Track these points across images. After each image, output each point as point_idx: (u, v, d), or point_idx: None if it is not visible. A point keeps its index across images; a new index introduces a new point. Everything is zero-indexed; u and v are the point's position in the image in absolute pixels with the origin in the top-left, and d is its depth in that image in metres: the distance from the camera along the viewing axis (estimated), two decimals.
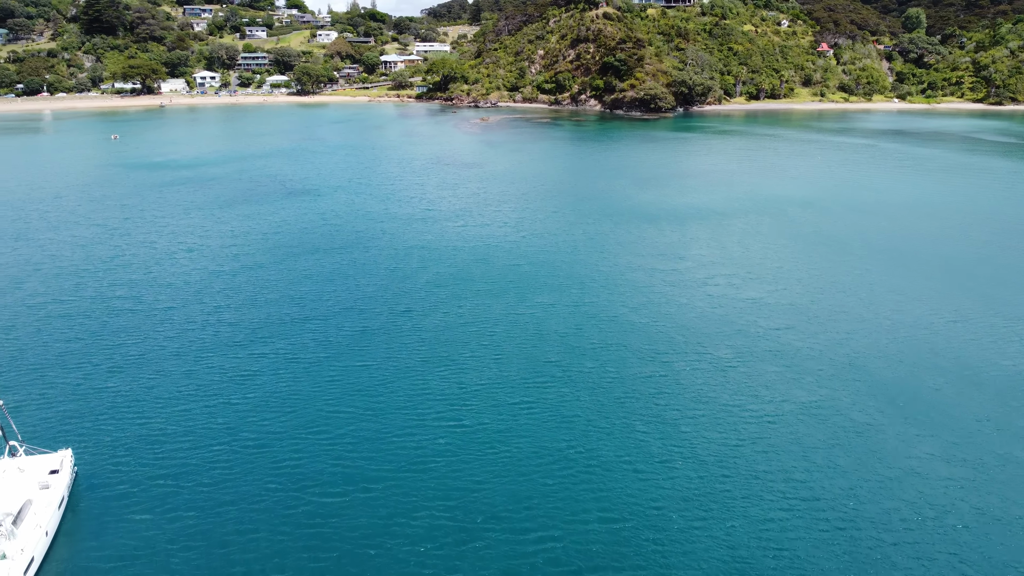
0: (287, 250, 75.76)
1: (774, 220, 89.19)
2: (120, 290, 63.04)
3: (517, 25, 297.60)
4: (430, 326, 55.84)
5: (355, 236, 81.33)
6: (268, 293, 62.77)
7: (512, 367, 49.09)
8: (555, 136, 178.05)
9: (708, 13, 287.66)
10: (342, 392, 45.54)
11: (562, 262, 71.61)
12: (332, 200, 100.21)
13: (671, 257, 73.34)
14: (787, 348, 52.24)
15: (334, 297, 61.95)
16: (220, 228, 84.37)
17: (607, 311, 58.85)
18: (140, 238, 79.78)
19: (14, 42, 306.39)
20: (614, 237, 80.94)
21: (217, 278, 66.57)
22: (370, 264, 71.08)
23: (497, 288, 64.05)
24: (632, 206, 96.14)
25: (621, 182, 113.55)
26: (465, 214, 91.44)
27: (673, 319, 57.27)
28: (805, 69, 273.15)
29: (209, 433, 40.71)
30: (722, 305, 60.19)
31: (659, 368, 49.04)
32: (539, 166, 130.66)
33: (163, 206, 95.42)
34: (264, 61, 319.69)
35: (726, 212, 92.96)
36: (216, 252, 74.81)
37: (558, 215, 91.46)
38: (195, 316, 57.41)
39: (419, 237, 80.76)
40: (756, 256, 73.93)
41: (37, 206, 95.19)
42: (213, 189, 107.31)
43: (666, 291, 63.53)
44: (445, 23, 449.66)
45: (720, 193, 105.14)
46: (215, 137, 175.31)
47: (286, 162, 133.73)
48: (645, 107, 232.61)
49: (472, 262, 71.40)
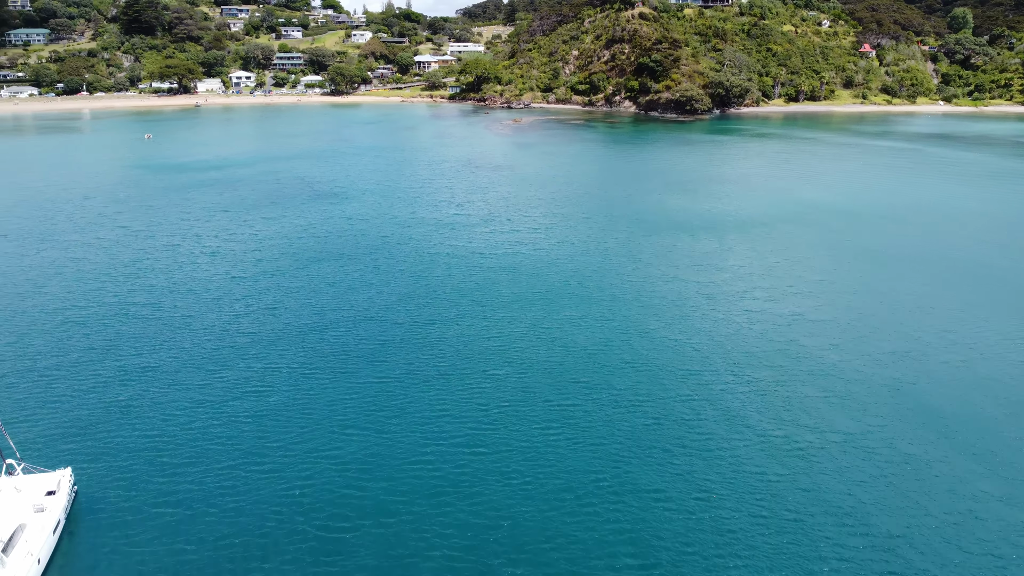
0: (310, 255, 74.20)
1: (814, 229, 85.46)
2: (139, 296, 61.88)
3: (551, 25, 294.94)
4: (452, 339, 53.64)
5: (380, 241, 79.54)
6: (288, 301, 61.12)
7: (537, 386, 46.65)
8: (588, 138, 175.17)
9: (746, 13, 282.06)
10: (357, 411, 43.48)
11: (592, 272, 68.98)
12: (359, 203, 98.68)
13: (707, 267, 70.26)
14: (830, 369, 49.04)
15: (355, 306, 60.08)
16: (244, 231, 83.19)
17: (638, 325, 56.11)
18: (163, 241, 78.89)
19: (56, 42, 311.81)
20: (647, 245, 78.05)
21: (237, 284, 65.15)
22: (394, 271, 69.16)
23: (523, 299, 61.65)
24: (666, 212, 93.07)
25: (655, 186, 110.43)
26: (493, 219, 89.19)
27: (708, 335, 54.35)
28: (846, 71, 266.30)
29: (218, 454, 38.91)
30: (760, 321, 57.08)
31: (693, 389, 46.22)
32: (571, 169, 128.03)
33: (189, 208, 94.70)
34: (299, 61, 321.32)
35: (764, 220, 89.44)
36: (238, 256, 73.52)
37: (589, 221, 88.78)
38: (212, 325, 55.90)
39: (446, 243, 78.70)
40: (796, 268, 70.51)
41: (65, 207, 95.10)
42: (240, 191, 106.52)
43: (701, 304, 60.56)
44: (480, 23, 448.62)
45: (758, 199, 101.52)
46: (246, 137, 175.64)
47: (315, 164, 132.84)
48: (680, 109, 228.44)
49: (499, 270, 69.08)
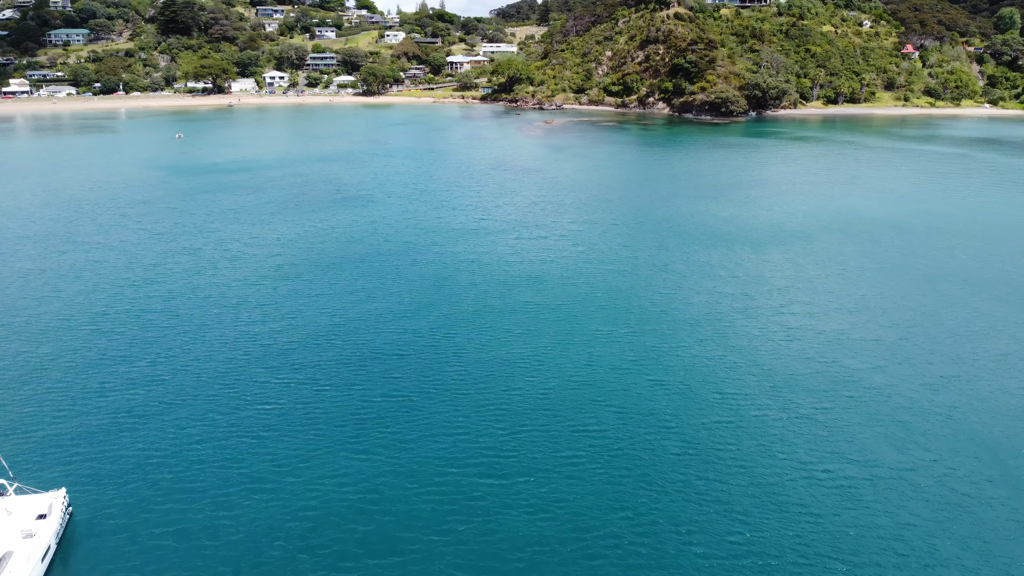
0: (331, 261, 72.46)
1: (856, 240, 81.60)
2: (156, 303, 60.55)
3: (585, 26, 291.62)
4: (473, 352, 51.31)
5: (404, 247, 77.55)
6: (305, 309, 59.30)
7: (561, 406, 44.10)
8: (620, 140, 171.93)
9: (785, 13, 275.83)
10: (370, 431, 41.34)
11: (621, 283, 66.16)
12: (385, 207, 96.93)
13: (743, 280, 67.04)
14: (875, 395, 45.76)
15: (373, 316, 58.07)
16: (267, 235, 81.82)
17: (668, 342, 53.26)
18: (186, 244, 77.78)
19: (95, 42, 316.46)
20: (679, 254, 75.00)
21: (255, 291, 63.56)
22: (416, 279, 67.06)
23: (549, 310, 59.11)
24: (700, 219, 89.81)
25: (688, 191, 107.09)
26: (520, 225, 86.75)
27: (743, 354, 51.32)
28: (888, 72, 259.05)
29: (223, 477, 37.03)
30: (799, 339, 53.87)
31: (728, 414, 43.32)
32: (602, 172, 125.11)
33: (213, 210, 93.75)
34: (332, 61, 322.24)
35: (803, 229, 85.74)
36: (260, 261, 72.03)
37: (619, 228, 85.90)
38: (226, 334, 54.26)
39: (471, 250, 76.46)
40: (838, 282, 66.94)
41: (91, 208, 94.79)
42: (266, 193, 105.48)
43: (736, 320, 57.48)
44: (513, 23, 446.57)
45: (796, 207, 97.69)
46: (276, 138, 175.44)
47: (343, 165, 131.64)
48: (716, 111, 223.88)
49: (524, 280, 66.61)
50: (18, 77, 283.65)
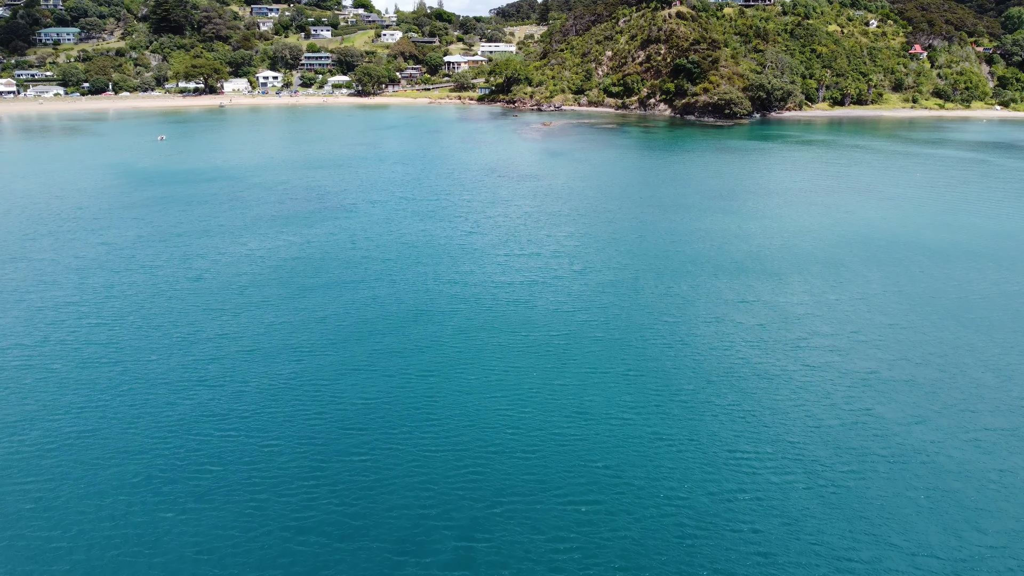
0: (302, 282, 65.91)
1: (878, 258, 74.99)
2: (100, 334, 54.02)
3: (585, 25, 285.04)
4: (448, 399, 44.81)
5: (383, 266, 71.02)
6: (266, 342, 52.80)
7: (547, 471, 37.56)
8: (620, 144, 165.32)
9: (790, 12, 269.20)
10: (322, 507, 34.88)
11: (618, 310, 59.59)
12: (367, 218, 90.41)
13: (754, 306, 60.45)
14: (913, 454, 39.21)
15: (342, 350, 51.57)
16: (236, 251, 75.29)
17: (672, 384, 46.70)
18: (145, 261, 71.24)
19: (85, 41, 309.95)
20: (683, 275, 68.42)
21: (215, 319, 57.05)
22: (393, 304, 60.51)
23: (538, 344, 52.57)
24: (705, 234, 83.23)
25: (693, 202, 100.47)
26: (512, 240, 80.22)
27: (759, 400, 44.77)
28: (896, 73, 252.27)
29: (136, 555, 30.61)
30: (823, 381, 47.31)
31: (741, 481, 36.78)
32: (600, 179, 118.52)
33: (183, 222, 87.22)
34: (327, 61, 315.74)
35: (818, 247, 79.12)
36: (223, 283, 65.49)
37: (618, 244, 79.35)
38: (175, 375, 47.75)
39: (456, 269, 69.93)
40: (861, 308, 60.33)
41: (52, 218, 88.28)
42: (243, 202, 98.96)
43: (749, 356, 50.93)
44: (513, 23, 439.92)
45: (808, 220, 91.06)
46: (262, 142, 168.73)
47: (328, 171, 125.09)
48: (719, 113, 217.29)
49: (512, 306, 60.06)
50: (5, 77, 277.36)
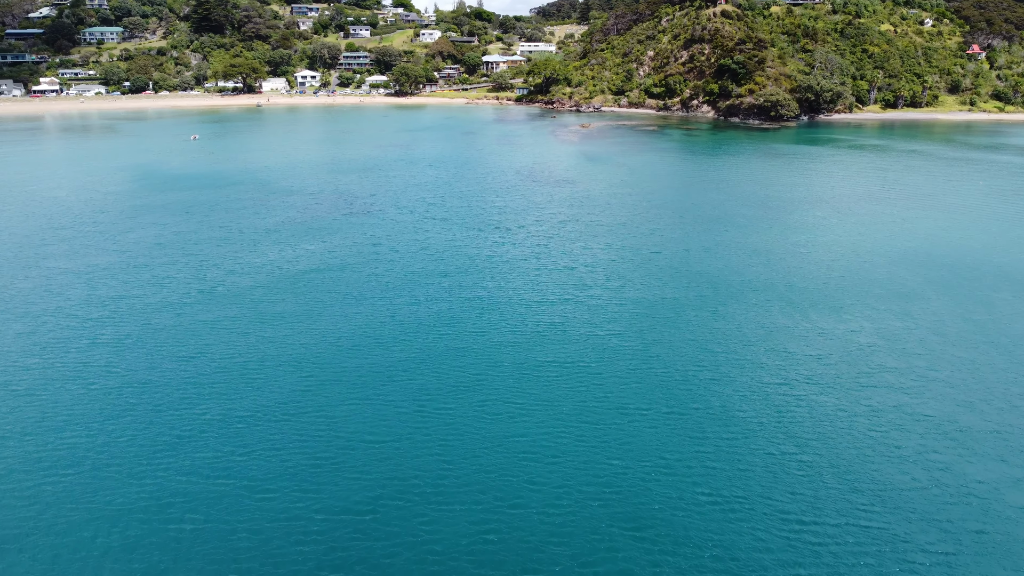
0: (319, 297, 61.83)
1: (946, 280, 68.38)
2: (98, 354, 50.51)
3: (627, 24, 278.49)
4: (466, 438, 40.12)
5: (405, 279, 66.65)
6: (269, 368, 48.64)
7: (573, 535, 32.70)
8: (662, 147, 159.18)
9: (840, 11, 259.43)
10: (319, 548, 30.48)
11: (659, 336, 54.31)
12: (394, 225, 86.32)
13: (810, 336, 54.65)
14: (1013, 528, 33.45)
15: (354, 376, 47.25)
16: (253, 262, 71.65)
17: (720, 431, 41.35)
18: (157, 272, 67.90)
19: (128, 40, 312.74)
20: (730, 296, 62.81)
21: (218, 338, 53.20)
22: (413, 324, 56.05)
23: (569, 376, 47.59)
24: (753, 249, 77.39)
25: (740, 213, 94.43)
26: (544, 252, 75.35)
27: (817, 451, 39.23)
28: (952, 74, 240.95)
29: None
30: (893, 428, 41.55)
31: (804, 559, 31.46)
32: (641, 186, 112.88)
33: (203, 228, 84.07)
34: (365, 61, 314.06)
35: (878, 265, 72.70)
36: (234, 297, 61.76)
37: (659, 258, 73.94)
38: (171, 395, 43.94)
39: (484, 284, 65.25)
40: (931, 341, 54.14)
41: (72, 223, 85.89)
42: (268, 207, 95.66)
43: (808, 396, 45.34)
44: (554, 22, 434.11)
45: (865, 234, 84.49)
46: (295, 143, 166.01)
47: (358, 174, 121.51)
48: (765, 115, 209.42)
49: (541, 329, 55.15)
50: (49, 76, 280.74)
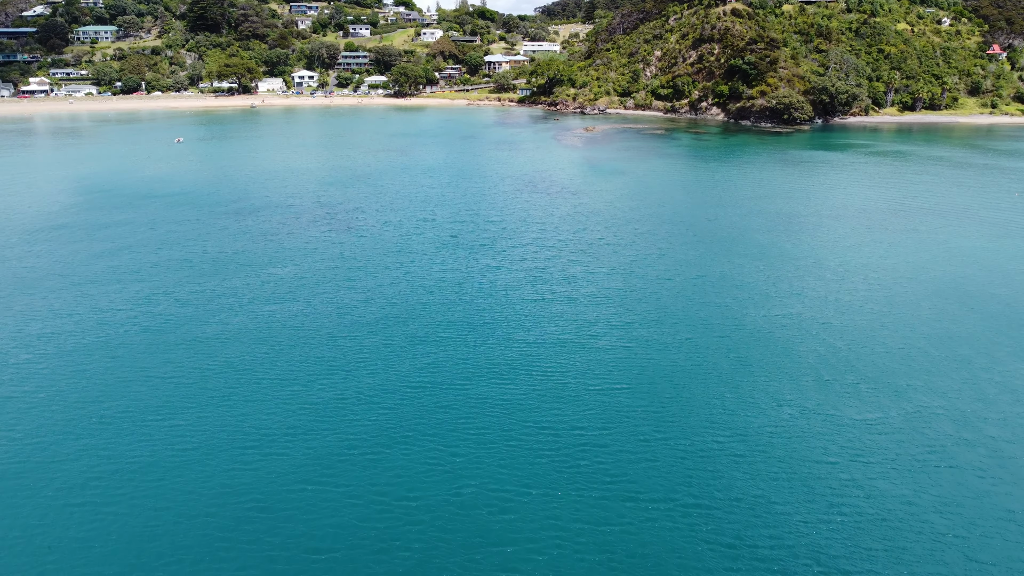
0: (280, 335, 53.76)
1: (1001, 314, 60.07)
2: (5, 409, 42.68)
3: (633, 23, 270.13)
4: (447, 522, 32.12)
5: (380, 316, 58.43)
6: (195, 435, 40.71)
7: None
8: (670, 153, 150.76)
9: (855, 9, 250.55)
10: None
11: (673, 392, 46.08)
12: (376, 245, 78.27)
13: (851, 382, 46.33)
14: None
15: (315, 443, 39.25)
16: (217, 288, 63.57)
17: (751, 538, 33.24)
18: (104, 304, 59.88)
19: (123, 39, 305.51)
20: (753, 332, 54.52)
21: (155, 391, 45.29)
22: (382, 376, 47.95)
23: (566, 445, 39.45)
24: (778, 277, 69.12)
25: (757, 226, 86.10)
26: (542, 278, 67.17)
27: (883, 563, 31.09)
28: (972, 75, 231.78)
29: None
30: (967, 522, 33.37)
31: None
32: (649, 198, 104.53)
33: (169, 245, 76.11)
34: (364, 60, 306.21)
35: (920, 295, 64.36)
36: (187, 333, 53.74)
37: (671, 288, 65.66)
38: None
39: (469, 320, 57.11)
40: (1002, 397, 45.91)
41: (24, 242, 78.09)
42: (243, 222, 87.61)
43: (850, 460, 37.12)
44: (559, 21, 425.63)
45: (901, 255, 76.05)
46: (284, 147, 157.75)
47: (345, 184, 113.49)
48: (777, 118, 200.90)
49: (533, 379, 46.99)
50: (40, 75, 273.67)
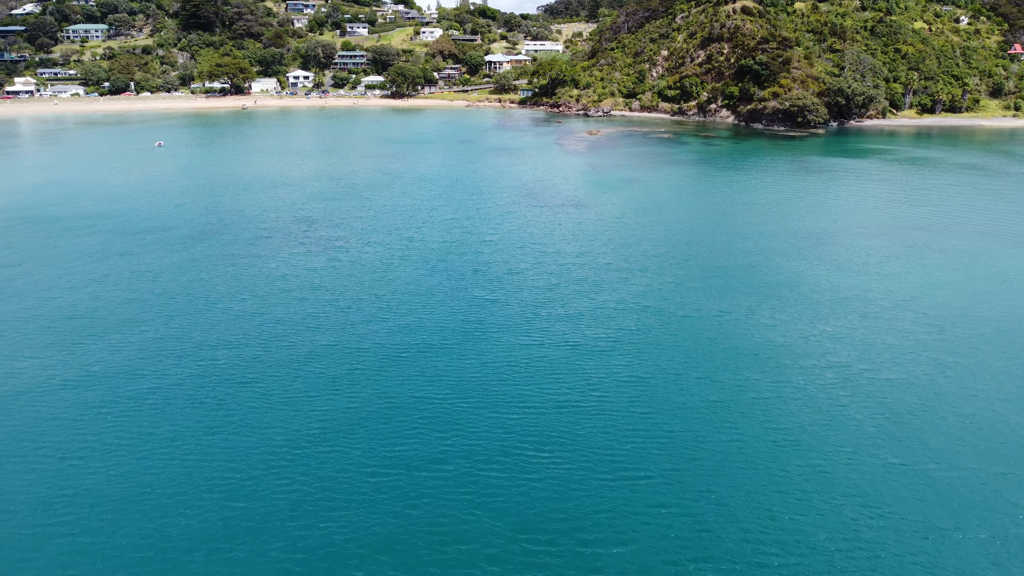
0: (224, 394, 45.08)
1: None
2: None
3: (638, 22, 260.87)
4: None
5: (346, 367, 49.52)
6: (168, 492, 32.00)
7: None
8: (678, 159, 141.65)
9: (870, 8, 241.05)
10: None
11: (689, 460, 37.21)
12: (354, 268, 69.50)
13: (930, 470, 37.50)
14: None
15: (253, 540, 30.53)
16: (157, 331, 54.89)
17: None
18: (48, 340, 51.30)
19: (114, 38, 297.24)
20: (795, 395, 45.60)
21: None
22: (347, 447, 39.20)
23: (566, 513, 30.65)
24: (809, 304, 60.10)
25: (782, 252, 77.02)
26: (540, 314, 58.25)
27: None
28: (994, 76, 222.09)
29: None
30: None
31: None
32: (659, 212, 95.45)
33: (134, 262, 67.46)
34: (362, 60, 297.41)
35: (984, 331, 55.38)
36: (113, 390, 45.07)
37: (691, 326, 56.68)
38: None
39: (453, 375, 48.17)
40: None
41: None
42: (214, 238, 78.93)
43: None
44: (562, 20, 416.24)
45: (951, 280, 66.99)
46: (269, 151, 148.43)
47: (329, 195, 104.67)
48: (791, 120, 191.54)
49: (533, 435, 38.16)
50: (27, 75, 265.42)
